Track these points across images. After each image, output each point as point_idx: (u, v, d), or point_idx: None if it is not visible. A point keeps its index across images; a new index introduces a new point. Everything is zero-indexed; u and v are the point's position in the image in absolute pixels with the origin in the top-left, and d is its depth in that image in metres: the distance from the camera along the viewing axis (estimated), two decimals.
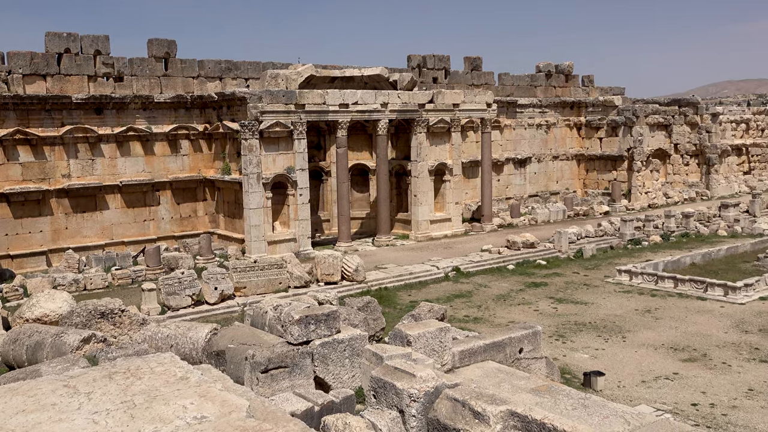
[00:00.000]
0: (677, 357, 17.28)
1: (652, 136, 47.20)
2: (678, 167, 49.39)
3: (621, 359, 17.17)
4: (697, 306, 22.01)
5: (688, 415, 13.68)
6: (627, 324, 20.18)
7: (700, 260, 28.59)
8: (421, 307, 16.00)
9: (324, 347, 11.70)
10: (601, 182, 47.24)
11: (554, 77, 48.33)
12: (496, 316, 21.43)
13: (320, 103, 30.86)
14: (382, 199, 33.69)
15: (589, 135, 48.10)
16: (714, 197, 47.66)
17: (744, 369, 16.33)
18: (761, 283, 23.52)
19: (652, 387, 15.31)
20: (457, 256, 29.82)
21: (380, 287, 25.01)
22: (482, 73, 44.38)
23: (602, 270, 27.72)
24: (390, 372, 9.59)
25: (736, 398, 14.58)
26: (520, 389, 10.77)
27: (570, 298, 23.37)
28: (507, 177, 44.61)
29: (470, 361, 12.41)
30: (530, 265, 28.92)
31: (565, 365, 16.48)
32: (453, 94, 35.42)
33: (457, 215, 36.17)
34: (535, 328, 13.53)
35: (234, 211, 31.90)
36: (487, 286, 25.43)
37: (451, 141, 35.68)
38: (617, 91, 51.15)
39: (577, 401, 10.02)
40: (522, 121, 45.25)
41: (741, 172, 54.53)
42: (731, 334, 19.00)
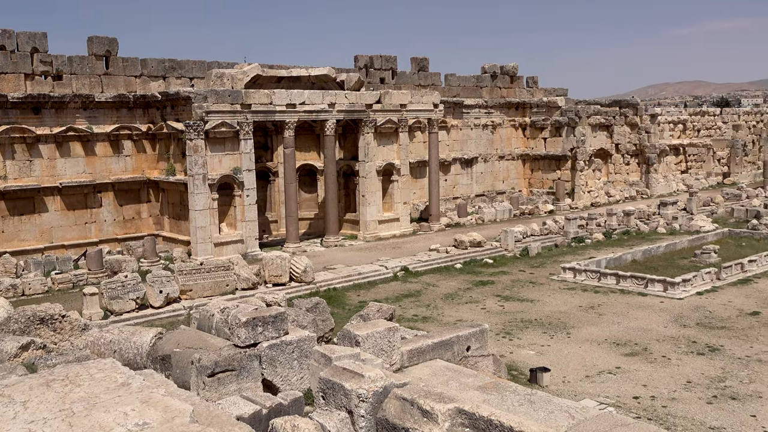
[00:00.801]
0: (619, 351, 17.72)
1: (594, 137, 48.32)
2: (619, 166, 50.68)
3: (566, 355, 17.51)
4: (638, 301, 22.62)
5: (630, 408, 14.03)
6: (571, 320, 20.59)
7: (641, 257, 29.39)
8: (370, 307, 15.99)
9: (272, 349, 11.58)
10: (545, 181, 48.10)
11: (499, 78, 49.01)
12: (445, 314, 21.60)
13: (267, 103, 30.58)
14: (331, 200, 33.59)
15: (534, 135, 48.94)
16: (653, 196, 49.06)
17: (682, 362, 16.85)
18: (698, 279, 24.31)
19: (595, 381, 15.66)
20: (405, 256, 29.94)
21: (329, 288, 24.92)
22: (429, 73, 44.69)
23: (547, 268, 28.23)
24: (338, 373, 9.56)
25: (676, 390, 15.03)
26: (468, 387, 10.86)
27: (516, 296, 23.73)
28: (454, 177, 45.02)
29: (419, 360, 12.46)
30: (477, 263, 29.25)
31: (512, 362, 16.71)
32: (400, 95, 35.57)
33: (405, 215, 36.33)
34: (483, 326, 13.67)
35: (179, 212, 31.34)
36: (435, 286, 25.61)
37: (399, 141, 35.82)
38: (561, 92, 52.20)
39: (523, 397, 10.16)
40: (468, 121, 45.74)
41: (679, 171, 56.30)
42: (670, 329, 19.58)
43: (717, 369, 16.30)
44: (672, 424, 13.30)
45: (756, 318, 20.43)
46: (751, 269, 26.26)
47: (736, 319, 20.35)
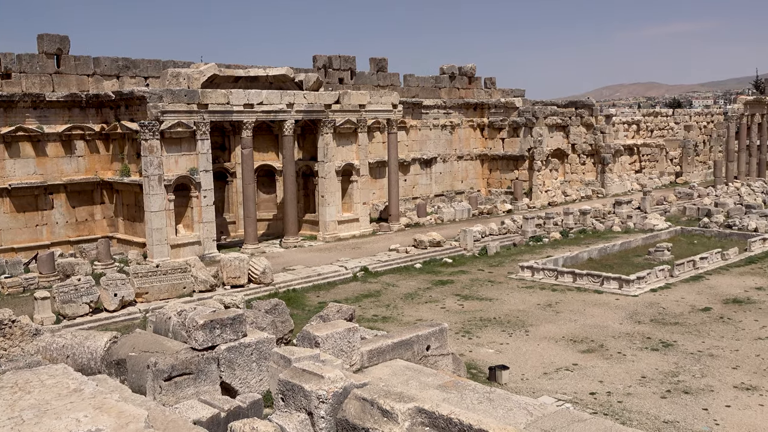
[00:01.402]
0: (576, 348, 17.97)
1: (551, 137, 48.99)
2: (575, 166, 51.49)
3: (524, 353, 17.69)
4: (595, 299, 22.99)
5: (586, 404, 14.24)
6: (530, 318, 20.82)
7: (597, 255, 29.90)
8: (330, 307, 15.92)
9: (230, 352, 11.45)
10: (504, 181, 48.59)
11: (458, 79, 49.34)
12: (404, 314, 21.64)
13: (224, 103, 30.23)
14: (289, 200, 33.38)
15: (492, 135, 49.40)
16: (609, 195, 49.95)
17: (637, 358, 17.18)
18: (652, 276, 24.83)
19: (553, 378, 15.85)
20: (365, 256, 29.92)
21: (288, 289, 24.75)
22: (388, 74, 44.75)
23: (506, 267, 28.51)
24: (298, 374, 9.49)
25: (631, 386, 15.31)
26: (428, 386, 10.89)
27: (475, 295, 23.90)
28: (413, 177, 45.17)
29: (379, 360, 12.46)
30: (437, 263, 29.38)
31: (471, 360, 16.82)
32: (359, 95, 35.53)
33: (364, 215, 36.30)
34: (442, 326, 13.74)
35: (134, 214, 30.77)
36: (395, 285, 25.64)
37: (358, 141, 35.78)
38: (518, 93, 52.80)
39: (482, 395, 10.24)
40: (427, 121, 45.93)
41: (633, 171, 57.45)
42: (626, 325, 19.95)
43: (670, 364, 16.65)
44: (627, 418, 13.54)
45: (707, 314, 20.95)
46: (702, 266, 26.93)
47: (688, 315, 20.83)
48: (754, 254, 29.48)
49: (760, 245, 30.68)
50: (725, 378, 15.69)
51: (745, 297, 22.74)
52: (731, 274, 26.18)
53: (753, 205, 40.36)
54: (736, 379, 15.57)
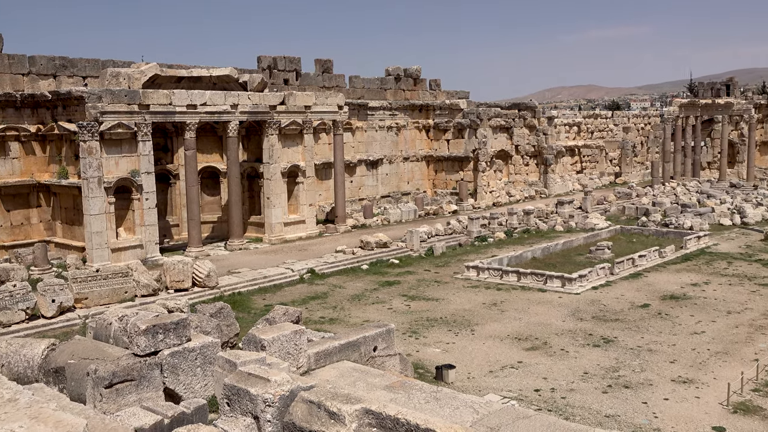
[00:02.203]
0: (521, 346, 18.27)
1: (495, 138, 49.70)
2: (519, 167, 52.36)
3: (470, 351, 17.89)
4: (538, 297, 23.41)
5: (531, 401, 14.49)
6: (475, 317, 21.06)
7: (540, 254, 30.45)
8: (276, 310, 15.77)
9: (174, 357, 11.23)
10: (449, 182, 49.05)
11: (403, 81, 49.59)
12: (352, 316, 21.62)
13: (166, 103, 29.66)
14: (234, 202, 32.97)
15: (437, 137, 49.81)
16: (551, 195, 50.96)
17: (580, 354, 17.56)
18: (593, 274, 25.43)
19: (499, 376, 16.07)
20: (311, 258, 29.77)
21: (234, 292, 24.44)
22: (333, 75, 44.67)
23: (452, 267, 28.77)
24: (244, 378, 9.38)
25: (574, 382, 15.65)
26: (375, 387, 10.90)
27: (422, 295, 24.05)
28: (360, 178, 45.19)
29: (326, 362, 12.41)
30: (384, 264, 29.45)
31: (418, 360, 16.92)
32: (305, 96, 35.34)
33: (311, 217, 36.13)
34: (389, 326, 13.77)
35: (73, 217, 29.91)
36: (342, 287, 25.59)
37: (304, 143, 35.58)
38: (463, 94, 53.39)
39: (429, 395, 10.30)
40: (373, 123, 46.03)
41: (574, 171, 58.76)
42: (568, 323, 20.37)
43: (611, 360, 17.08)
44: (570, 414, 13.83)
45: (646, 310, 21.56)
46: (641, 264, 27.71)
47: (628, 312, 21.40)
48: (689, 252, 30.50)
49: (695, 243, 31.76)
50: (663, 372, 16.18)
51: (681, 293, 23.50)
52: (668, 271, 27.02)
53: (688, 205, 41.76)
54: (673, 373, 16.08)
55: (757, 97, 66.50)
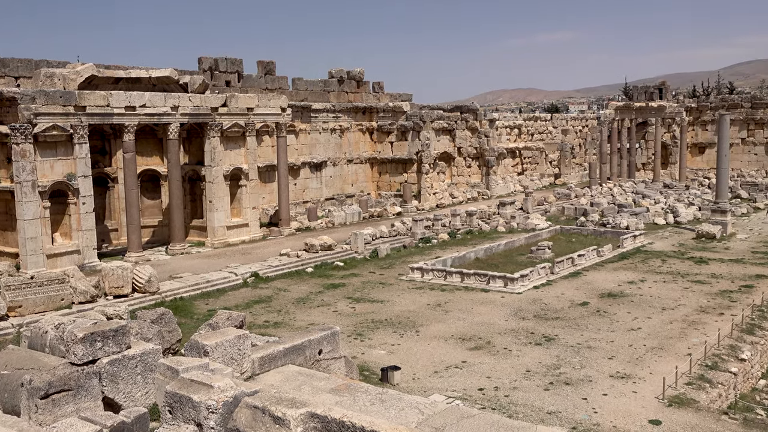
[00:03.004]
0: (465, 346, 18.49)
1: (438, 140, 50.16)
2: (462, 169, 52.98)
3: (415, 353, 18.01)
4: (482, 297, 23.74)
5: (476, 400, 14.68)
6: (420, 318, 21.22)
7: (483, 255, 30.88)
8: (219, 315, 15.57)
9: (113, 365, 10.97)
10: (393, 184, 49.27)
11: (346, 83, 49.60)
12: (296, 319, 21.50)
13: (104, 105, 28.91)
14: (176, 206, 32.38)
15: (381, 139, 49.98)
16: (493, 196, 51.73)
17: (522, 352, 17.89)
18: (535, 274, 25.93)
19: (443, 376, 16.23)
20: (255, 262, 29.48)
21: (176, 297, 24.01)
22: (276, 77, 44.34)
23: (396, 268, 28.91)
24: (186, 385, 9.23)
25: (516, 380, 15.93)
26: (321, 390, 10.87)
27: (367, 297, 24.09)
28: (304, 181, 44.97)
29: (271, 367, 12.30)
30: (328, 267, 29.39)
31: (363, 362, 16.94)
32: (247, 98, 34.98)
33: (254, 220, 35.76)
34: (334, 329, 13.74)
35: (5, 222, 28.83)
36: (286, 290, 25.42)
37: (247, 145, 35.20)
38: (406, 97, 53.71)
39: (374, 397, 10.33)
40: (317, 125, 45.88)
41: (515, 173, 59.80)
42: (511, 322, 20.72)
43: (553, 357, 17.45)
44: (514, 411, 14.07)
45: (585, 308, 22.11)
46: (580, 263, 28.40)
47: (568, 310, 21.91)
48: (626, 250, 31.42)
49: (631, 242, 32.73)
50: (602, 368, 16.62)
51: (618, 291, 24.18)
52: (606, 270, 27.77)
53: (625, 205, 43.01)
54: (611, 369, 16.53)
55: (688, 101, 69.00)
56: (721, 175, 37.20)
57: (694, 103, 67.61)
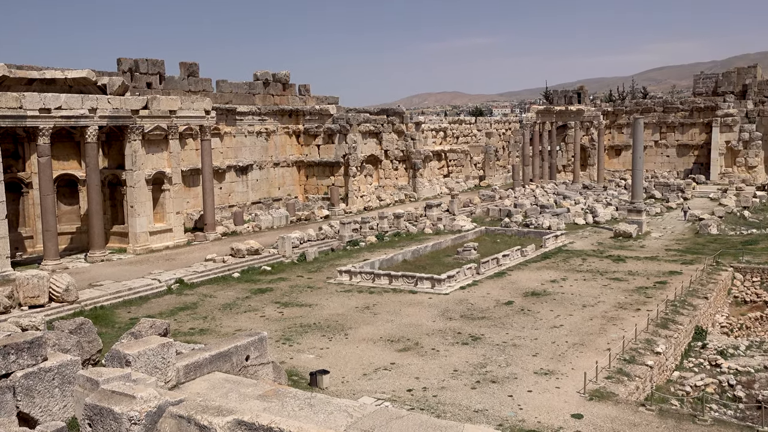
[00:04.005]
0: (394, 348, 18.60)
1: (365, 143, 50.32)
2: (389, 172, 53.30)
3: (344, 356, 18.00)
4: (410, 299, 23.94)
5: (404, 401, 14.79)
6: (349, 322, 21.22)
7: (411, 257, 31.15)
8: (142, 323, 15.13)
9: (28, 378, 10.50)
10: (320, 187, 49.12)
11: (272, 85, 49.15)
12: (223, 325, 21.14)
13: (16, 107, 27.69)
14: (95, 212, 31.31)
15: (308, 142, 49.77)
16: (420, 198, 52.29)
17: (450, 352, 18.13)
18: (461, 274, 26.34)
19: (372, 379, 16.28)
20: (180, 268, 28.83)
21: (96, 306, 23.22)
22: (200, 79, 43.51)
23: (324, 272, 28.81)
24: (107, 396, 8.93)
25: (444, 380, 16.13)
26: (248, 397, 10.72)
27: (295, 302, 23.92)
28: (229, 184, 44.29)
29: (196, 375, 12.05)
30: (256, 271, 29.03)
31: (292, 367, 16.81)
32: (169, 101, 34.18)
33: (178, 225, 34.96)
34: (261, 335, 13.57)
35: None
36: (212, 296, 24.97)
37: (169, 149, 34.39)
38: (332, 100, 53.66)
39: (303, 401, 10.26)
40: (242, 128, 45.28)
41: (442, 175, 60.61)
42: (438, 322, 20.98)
43: (479, 356, 17.77)
44: (442, 411, 14.24)
45: (510, 307, 22.61)
46: (505, 263, 29.03)
47: (494, 309, 22.35)
48: (548, 250, 32.31)
49: (553, 242, 33.69)
50: (527, 365, 17.03)
51: (542, 290, 24.84)
52: (530, 269, 28.47)
53: (546, 206, 44.22)
54: (536, 366, 16.96)
55: (605, 105, 71.58)
56: (636, 176, 38.75)
57: (611, 107, 70.20)
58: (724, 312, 26.49)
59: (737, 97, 62.22)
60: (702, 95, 66.17)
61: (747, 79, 63.33)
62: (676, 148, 65.08)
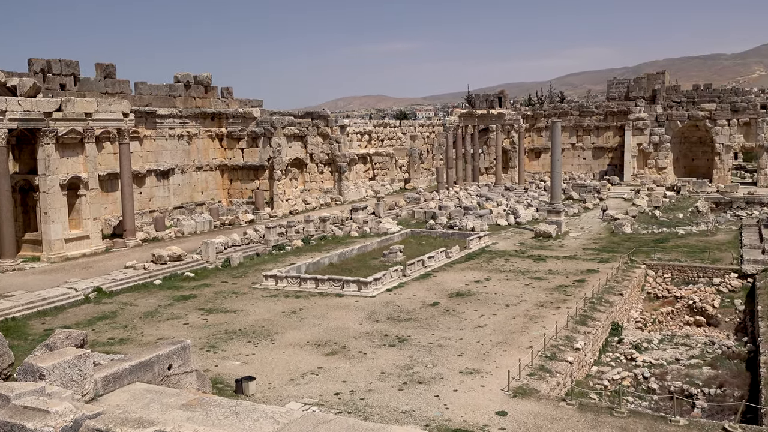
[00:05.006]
0: (321, 352, 18.53)
1: (290, 147, 49.97)
2: (314, 175, 53.09)
3: (271, 361, 17.80)
4: (336, 302, 23.90)
5: (332, 405, 14.75)
6: (275, 327, 21.01)
7: (337, 260, 31.11)
8: (57, 334, 14.52)
9: None
10: (245, 191, 48.45)
11: (194, 88, 48.15)
12: (145, 334, 20.56)
13: None
14: (5, 219, 29.89)
15: (231, 146, 49.02)
16: (346, 202, 52.29)
17: (377, 355, 18.20)
18: (387, 277, 26.48)
19: (299, 384, 16.17)
20: (98, 276, 27.87)
21: (7, 318, 22.16)
22: (117, 81, 42.20)
23: (250, 277, 28.43)
24: (18, 412, 8.54)
25: (372, 382, 16.18)
26: (171, 407, 10.46)
27: (220, 308, 23.50)
28: (150, 189, 43.11)
29: (116, 386, 11.67)
30: (178, 278, 28.37)
31: (217, 375, 16.51)
32: (85, 103, 33.00)
33: (96, 232, 33.78)
34: (184, 342, 13.27)
35: None
36: (133, 305, 24.24)
37: (86, 153, 33.20)
38: (256, 103, 53.03)
39: (228, 409, 10.10)
40: (163, 131, 44.17)
41: (367, 178, 60.81)
42: (365, 325, 21.03)
43: (406, 358, 17.91)
44: (369, 414, 14.28)
45: (436, 308, 22.89)
46: (430, 264, 29.37)
47: (420, 311, 22.57)
48: (472, 251, 32.89)
49: (477, 243, 34.31)
50: (453, 365, 17.28)
51: (466, 290, 25.26)
52: (454, 270, 28.90)
53: (470, 207, 45.01)
54: (461, 365, 17.23)
55: (525, 109, 73.51)
56: (555, 178, 39.93)
57: (530, 111, 72.14)
58: (638, 307, 27.62)
59: (647, 102, 65.04)
60: (615, 100, 68.84)
61: (656, 84, 66.29)
62: (592, 151, 67.44)
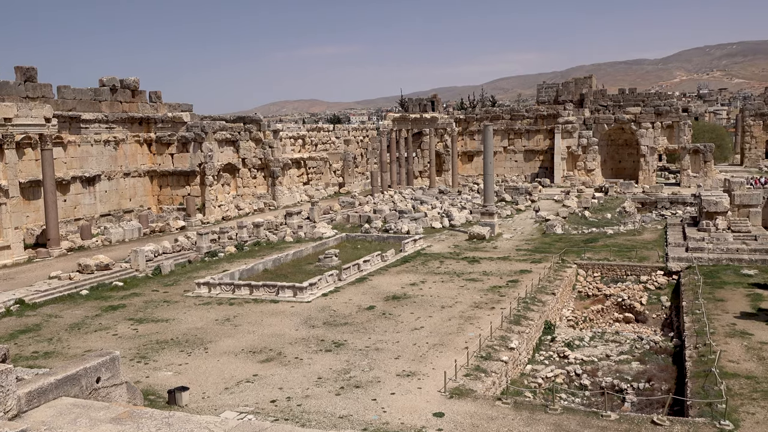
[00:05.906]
0: (256, 359, 18.25)
1: (222, 152, 49.19)
2: (247, 180, 52.41)
3: (204, 371, 17.42)
4: (272, 309, 23.60)
5: (268, 413, 14.53)
6: (208, 335, 20.58)
7: (272, 266, 30.75)
8: None
9: None
10: (175, 198, 47.39)
11: (120, 92, 46.82)
12: (71, 347, 19.81)
13: None
14: None
15: (161, 151, 47.88)
16: (280, 207, 51.82)
17: (313, 360, 18.06)
18: (323, 282, 26.33)
19: (234, 392, 15.87)
20: (20, 287, 26.72)
21: None
22: (38, 84, 40.61)
23: (182, 285, 27.79)
24: None
25: (308, 388, 16.03)
26: (100, 421, 10.11)
27: (150, 317, 22.87)
28: (75, 197, 41.65)
29: (41, 401, 11.19)
30: (106, 288, 27.49)
31: (149, 386, 16.05)
32: (4, 107, 31.65)
33: (17, 242, 32.40)
34: (113, 354, 12.85)
35: None
36: (58, 316, 23.34)
37: (5, 159, 31.83)
38: (186, 107, 51.95)
39: (160, 421, 9.83)
40: (88, 137, 42.76)
41: (301, 183, 60.45)
42: (301, 331, 20.83)
43: (343, 362, 17.82)
44: (307, 420, 14.14)
45: (372, 312, 22.88)
46: (366, 268, 29.35)
47: (356, 315, 22.52)
48: (407, 254, 33.05)
49: (412, 246, 34.52)
50: (390, 368, 17.29)
51: (402, 293, 25.35)
52: (390, 273, 28.98)
53: (405, 211, 45.27)
54: (398, 368, 17.26)
55: (457, 113, 74.55)
56: (488, 180, 40.59)
57: (463, 114, 73.18)
58: (570, 306, 28.33)
59: (576, 106, 66.93)
60: (545, 104, 70.60)
61: (584, 89, 68.32)
62: (524, 154, 68.90)
